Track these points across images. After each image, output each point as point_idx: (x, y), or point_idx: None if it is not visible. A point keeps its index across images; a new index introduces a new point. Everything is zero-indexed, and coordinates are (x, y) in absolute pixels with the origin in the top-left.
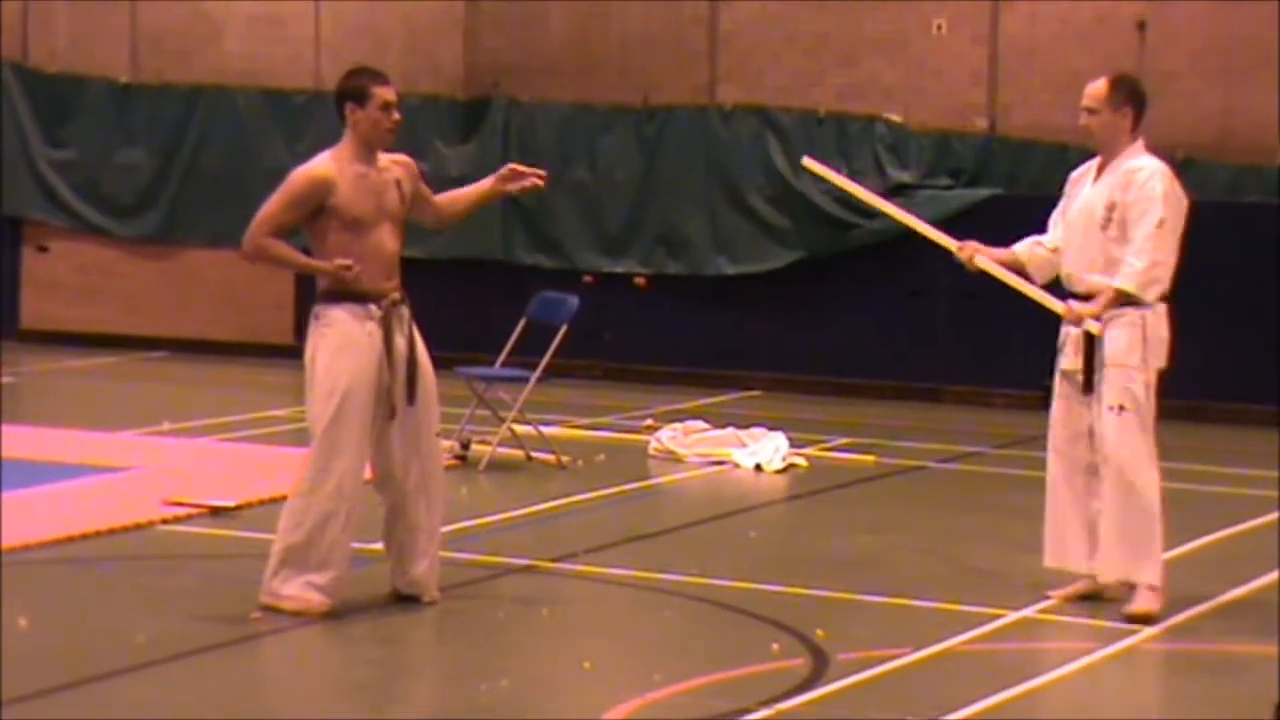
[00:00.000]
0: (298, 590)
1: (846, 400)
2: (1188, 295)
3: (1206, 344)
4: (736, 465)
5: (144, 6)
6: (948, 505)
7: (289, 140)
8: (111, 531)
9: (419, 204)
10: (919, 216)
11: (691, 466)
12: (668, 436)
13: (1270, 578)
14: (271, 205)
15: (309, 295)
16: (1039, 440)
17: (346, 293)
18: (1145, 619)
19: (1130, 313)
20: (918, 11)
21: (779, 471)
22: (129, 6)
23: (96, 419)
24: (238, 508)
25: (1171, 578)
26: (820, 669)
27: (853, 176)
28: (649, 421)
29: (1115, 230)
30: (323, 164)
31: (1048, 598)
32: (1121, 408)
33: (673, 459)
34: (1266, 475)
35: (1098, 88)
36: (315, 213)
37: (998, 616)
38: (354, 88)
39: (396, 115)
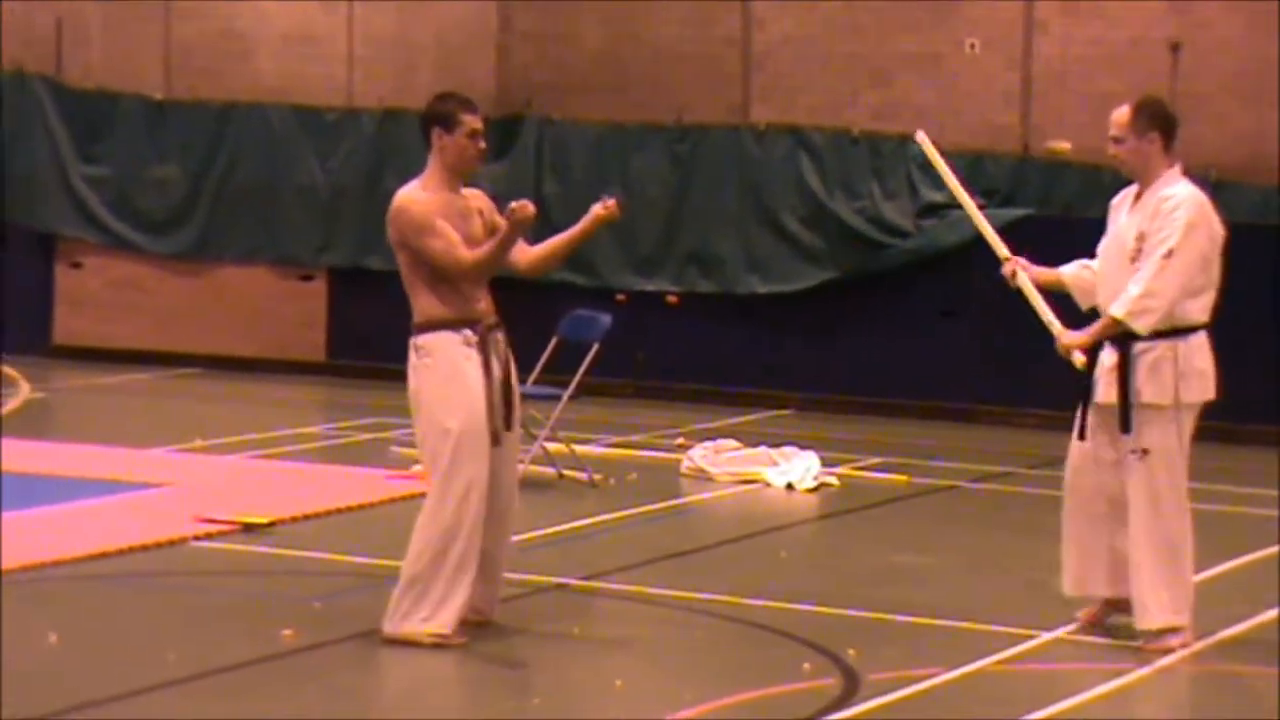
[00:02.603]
0: (420, 624)
1: (878, 420)
2: (1217, 318)
3: (1237, 367)
4: (768, 484)
5: (177, 23)
6: (980, 525)
7: (321, 157)
8: (144, 548)
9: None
10: (951, 237)
11: (723, 485)
12: (699, 455)
13: None
14: (436, 241)
15: (341, 312)
16: (1062, 460)
17: (444, 320)
18: (1168, 652)
19: (1160, 346)
20: (951, 32)
21: (811, 491)
22: (163, 23)
23: (129, 435)
24: (270, 525)
25: (1205, 598)
26: (852, 689)
27: (886, 197)
28: (681, 440)
29: (1143, 261)
30: (420, 192)
31: (1076, 619)
32: (1145, 451)
33: (704, 478)
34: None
35: (1122, 114)
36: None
37: (1030, 637)
38: (442, 113)
39: (483, 144)
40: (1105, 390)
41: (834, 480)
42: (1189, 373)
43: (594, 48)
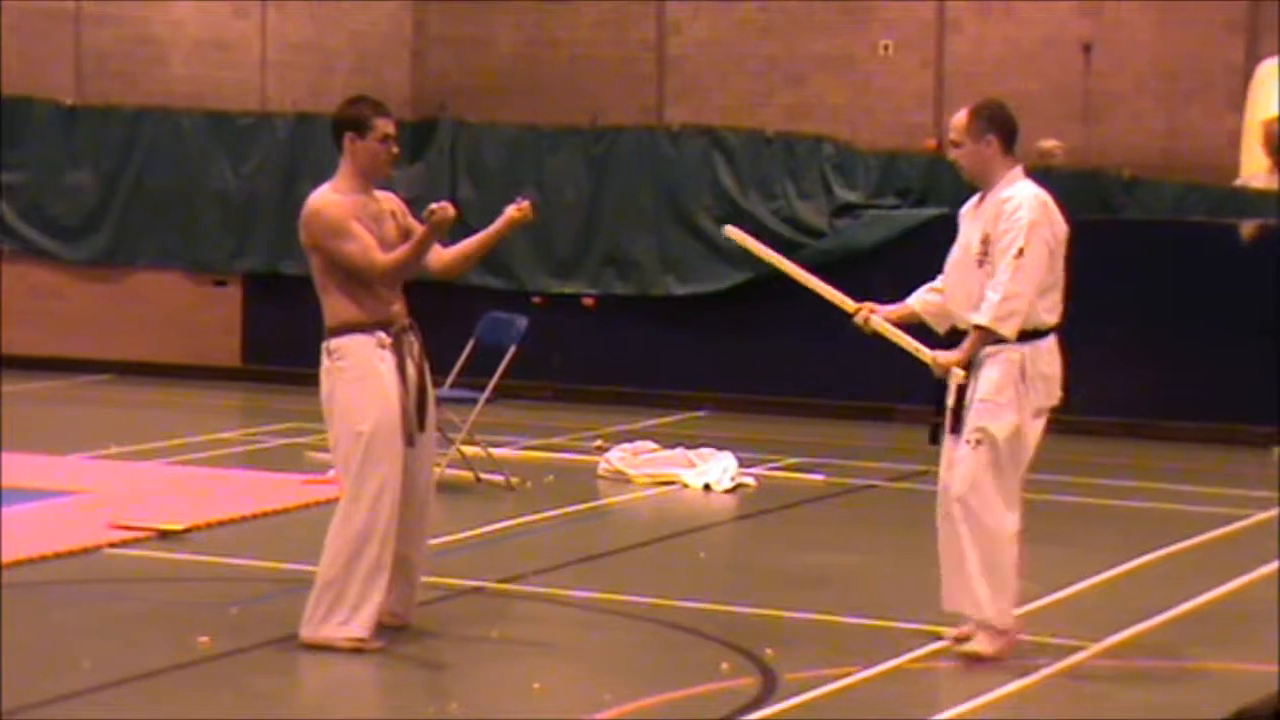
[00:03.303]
0: (336, 629)
1: (795, 420)
2: (1133, 314)
3: (1153, 363)
4: (685, 485)
5: (89, 29)
6: (897, 524)
7: (235, 162)
8: (59, 555)
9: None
10: (866, 237)
11: (640, 487)
12: (617, 457)
13: (1217, 592)
14: (351, 244)
15: (256, 318)
16: None
17: (357, 323)
18: (976, 659)
19: (1006, 350)
20: (864, 33)
21: (728, 491)
22: (73, 29)
23: (43, 442)
24: (186, 531)
25: (1120, 593)
26: (769, 688)
27: (801, 197)
28: (598, 442)
29: (990, 265)
30: (333, 195)
31: (942, 638)
32: (978, 442)
33: (622, 480)
34: (1213, 492)
35: (959, 119)
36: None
37: (946, 635)
38: (354, 117)
39: (395, 148)
40: (955, 397)
41: (751, 481)
42: (1034, 378)
43: (509, 51)
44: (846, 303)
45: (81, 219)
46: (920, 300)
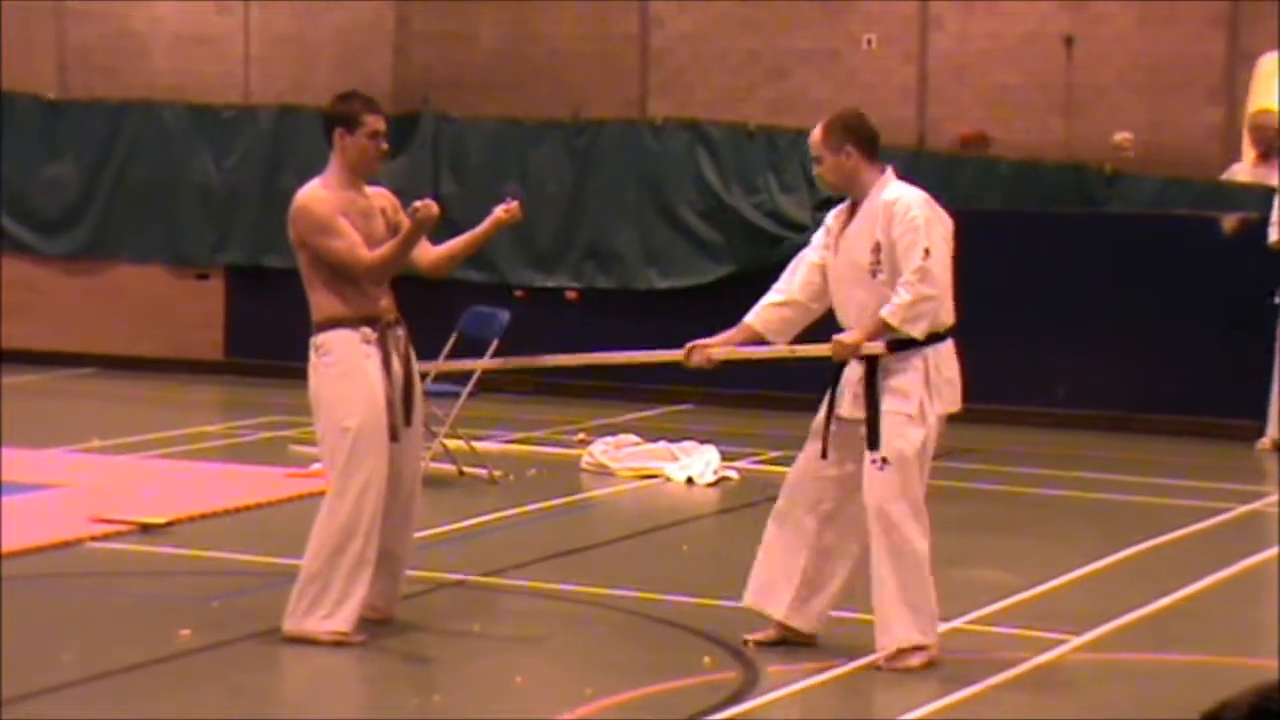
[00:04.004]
0: (319, 623)
1: (777, 413)
2: (1115, 308)
3: (1135, 356)
4: (668, 479)
5: (72, 23)
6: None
7: (217, 155)
8: (40, 549)
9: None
10: None
11: (623, 481)
12: (600, 451)
13: (1199, 585)
14: (337, 241)
15: (238, 311)
16: (970, 452)
17: (343, 318)
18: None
19: (912, 356)
20: (848, 28)
21: (711, 485)
22: (55, 23)
23: (23, 436)
24: (168, 524)
25: (1102, 586)
26: (751, 681)
27: (783, 190)
28: (581, 436)
29: (886, 273)
30: (321, 191)
31: (745, 643)
32: (885, 461)
33: (605, 473)
34: (1196, 485)
35: (815, 135)
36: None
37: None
38: (345, 113)
39: (385, 145)
40: (851, 404)
41: (733, 474)
42: (939, 383)
43: (491, 45)
44: (673, 354)
45: (63, 212)
46: (760, 318)
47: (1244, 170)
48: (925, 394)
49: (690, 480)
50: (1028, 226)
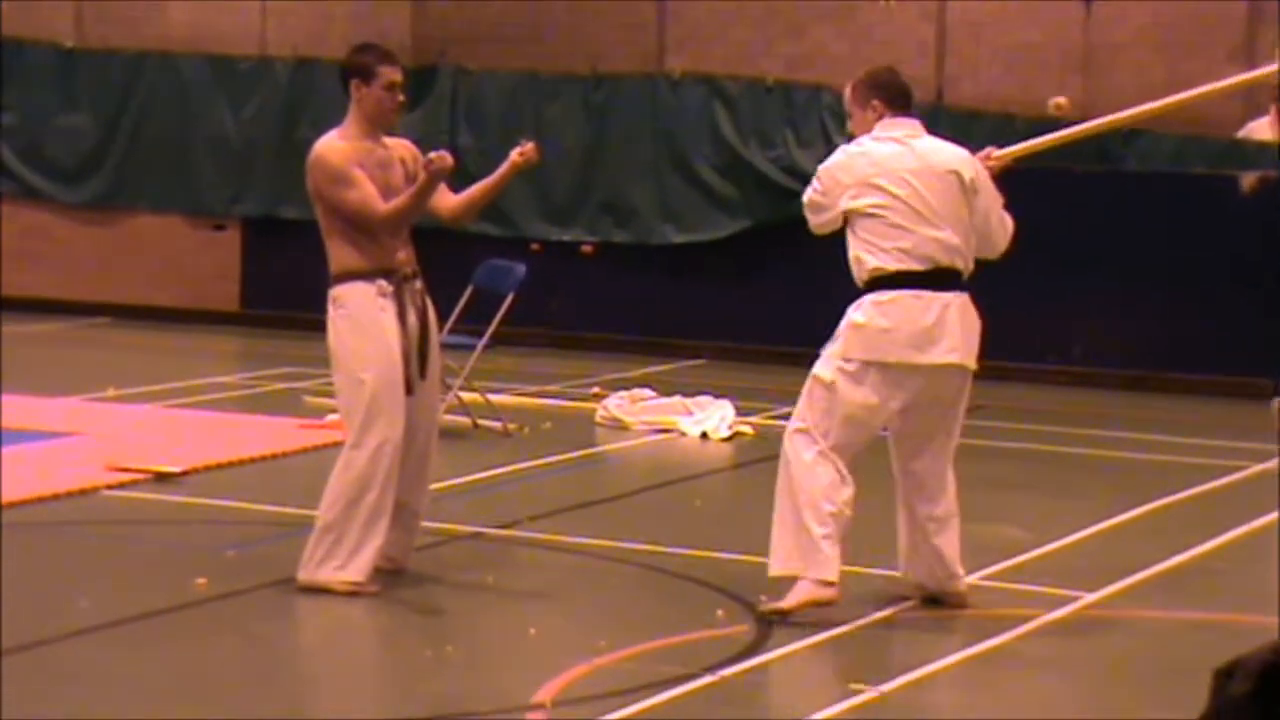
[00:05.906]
0: (333, 572)
1: (793, 369)
2: (1131, 266)
3: (1151, 315)
4: (683, 433)
5: None
6: (892, 473)
7: (234, 106)
8: (56, 497)
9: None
10: None
11: (638, 434)
12: (614, 404)
13: (1214, 543)
14: (351, 192)
15: (254, 262)
16: (988, 409)
17: (359, 270)
18: (783, 614)
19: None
20: None
21: (725, 439)
22: None
23: (39, 385)
24: (183, 474)
25: (1116, 543)
26: (764, 635)
27: (800, 145)
28: (596, 389)
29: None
30: (338, 141)
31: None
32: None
33: (619, 427)
34: (1211, 444)
35: (845, 91)
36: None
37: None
38: (361, 64)
39: (401, 96)
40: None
41: (748, 429)
42: (872, 331)
43: None
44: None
45: (80, 161)
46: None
47: (1262, 128)
48: (854, 337)
49: (705, 435)
50: (1044, 184)
